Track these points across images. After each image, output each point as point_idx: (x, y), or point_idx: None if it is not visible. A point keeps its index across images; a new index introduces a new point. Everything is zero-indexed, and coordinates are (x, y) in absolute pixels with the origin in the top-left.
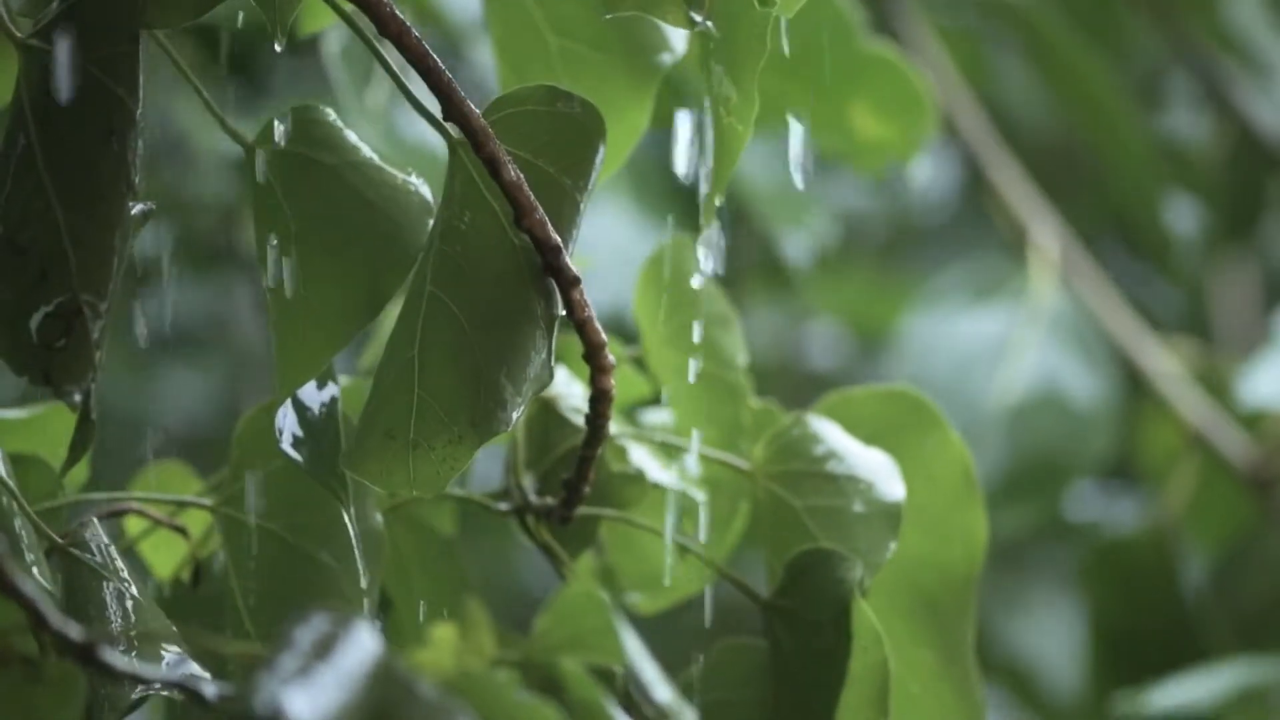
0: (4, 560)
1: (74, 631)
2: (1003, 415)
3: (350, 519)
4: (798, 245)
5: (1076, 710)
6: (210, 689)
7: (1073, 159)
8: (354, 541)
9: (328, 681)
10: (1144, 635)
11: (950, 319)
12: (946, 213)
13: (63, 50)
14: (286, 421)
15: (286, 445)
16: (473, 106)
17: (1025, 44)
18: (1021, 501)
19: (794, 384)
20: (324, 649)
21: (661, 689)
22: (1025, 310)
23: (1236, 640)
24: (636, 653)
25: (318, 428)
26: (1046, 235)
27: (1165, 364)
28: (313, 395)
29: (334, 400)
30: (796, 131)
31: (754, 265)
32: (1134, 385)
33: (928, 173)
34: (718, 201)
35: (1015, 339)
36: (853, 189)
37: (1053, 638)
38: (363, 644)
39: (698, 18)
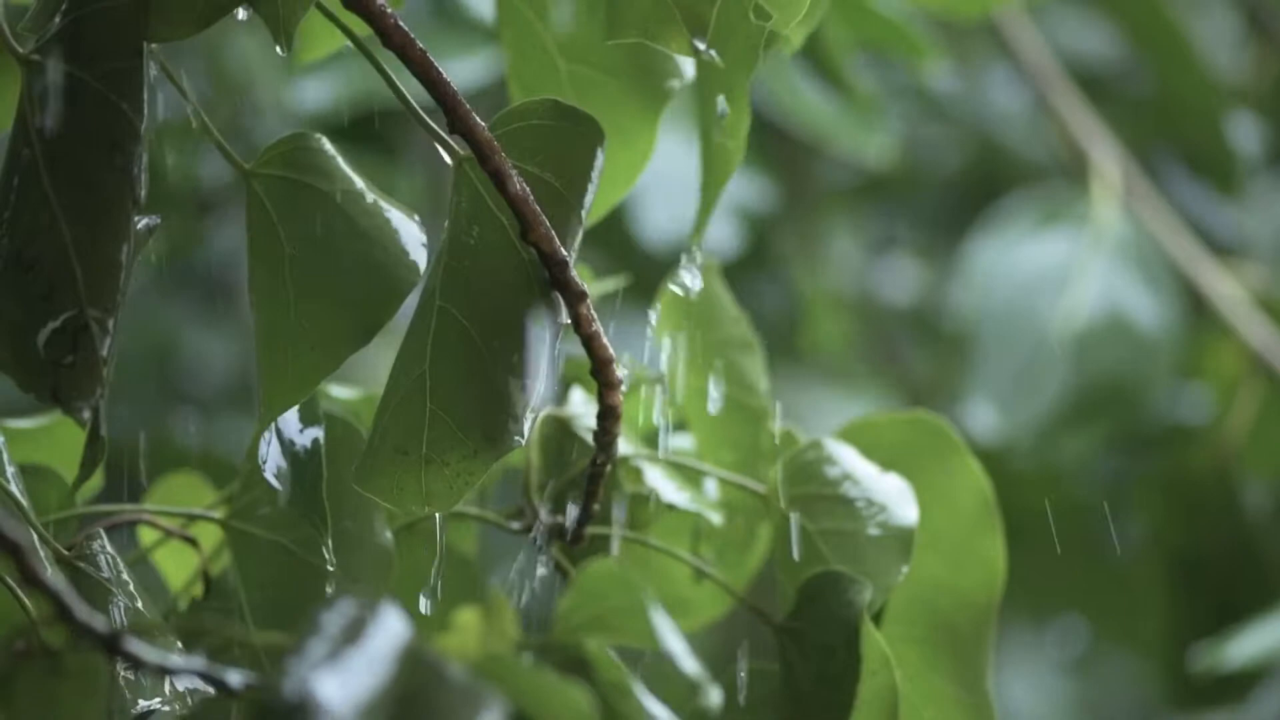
0: (27, 553)
1: (99, 623)
2: (1068, 340)
3: (328, 550)
4: (869, 155)
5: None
6: (236, 677)
7: (1130, 76)
8: (329, 566)
9: (357, 666)
10: (1207, 558)
11: (1014, 245)
12: (1016, 132)
13: (67, 65)
14: (270, 450)
15: (270, 474)
16: (478, 120)
17: None
18: (1088, 426)
19: (872, 316)
20: (352, 634)
21: (689, 661)
22: (1089, 235)
23: None
24: (664, 627)
25: (301, 458)
26: (1108, 160)
27: (1227, 287)
28: (295, 423)
29: (317, 430)
30: None
31: (836, 195)
32: (1196, 309)
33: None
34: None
35: (1079, 264)
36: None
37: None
38: (390, 628)
39: (700, 45)
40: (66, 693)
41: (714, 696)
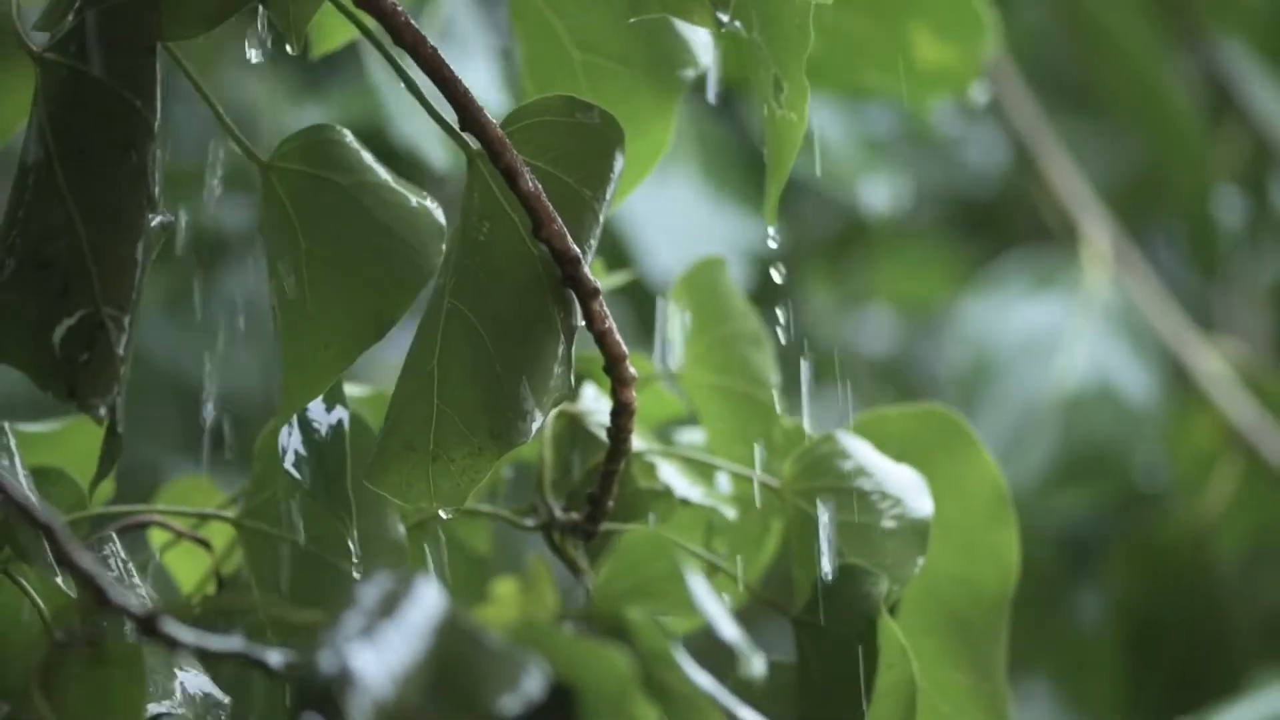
0: (62, 536)
1: (136, 605)
2: (1057, 405)
3: (353, 540)
4: (876, 195)
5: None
6: (275, 657)
7: (1121, 144)
8: (354, 559)
9: (393, 638)
10: (1172, 629)
11: (1006, 307)
12: (997, 189)
13: (80, 63)
14: (290, 441)
15: (289, 465)
16: (490, 117)
17: (1073, 25)
18: (1074, 491)
19: (854, 368)
20: (388, 606)
21: (728, 628)
22: (1079, 302)
23: (1263, 640)
24: (702, 594)
25: (323, 448)
26: (1096, 227)
27: (1209, 362)
28: (320, 415)
29: (341, 421)
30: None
31: (814, 246)
32: (1178, 380)
33: (985, 97)
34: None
35: (1069, 330)
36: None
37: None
38: (427, 599)
39: (724, 18)
40: (110, 680)
41: (758, 665)
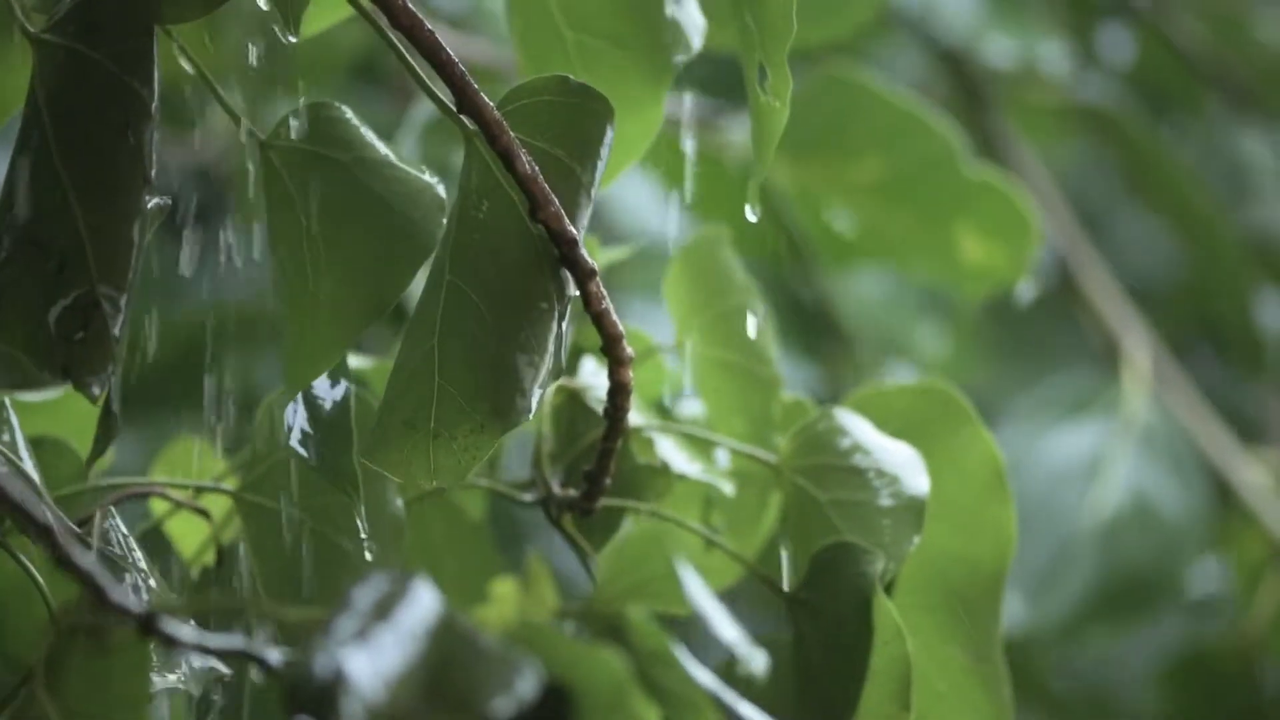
0: (60, 536)
1: (135, 604)
2: (1095, 531)
3: (360, 516)
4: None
5: None
6: (274, 655)
7: (1164, 262)
8: (363, 535)
9: (388, 641)
10: None
11: (1043, 434)
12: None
13: (78, 44)
14: (296, 417)
15: (295, 442)
16: (486, 99)
17: (1114, 148)
18: (1114, 618)
19: None
20: (383, 609)
21: (728, 628)
22: (1118, 424)
23: None
24: (700, 593)
25: (328, 424)
26: (1138, 346)
27: (1253, 475)
28: (325, 390)
29: (346, 396)
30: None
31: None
32: (1222, 496)
33: (1032, 293)
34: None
35: (1108, 454)
36: None
37: None
38: (422, 602)
39: None
40: (115, 670)
41: (759, 661)
